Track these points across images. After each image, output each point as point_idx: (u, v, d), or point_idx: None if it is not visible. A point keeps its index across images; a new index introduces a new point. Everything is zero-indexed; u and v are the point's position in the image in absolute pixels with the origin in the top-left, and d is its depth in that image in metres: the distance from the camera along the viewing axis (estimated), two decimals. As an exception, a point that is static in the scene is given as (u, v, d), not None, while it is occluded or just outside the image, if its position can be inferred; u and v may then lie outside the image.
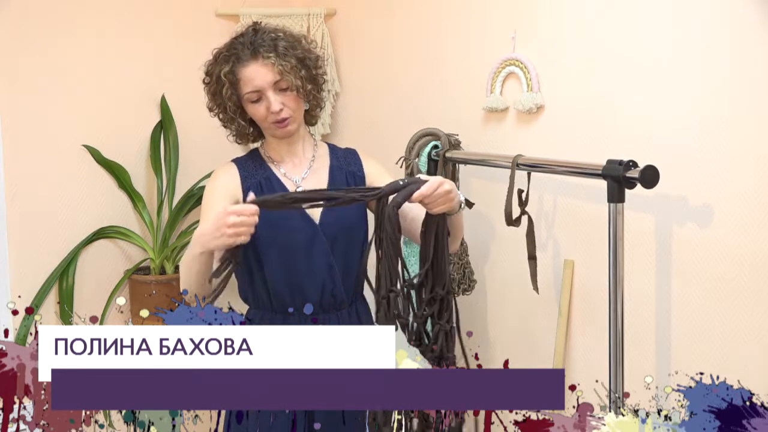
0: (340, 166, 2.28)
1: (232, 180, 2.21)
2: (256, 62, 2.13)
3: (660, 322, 2.20)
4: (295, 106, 2.17)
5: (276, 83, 2.13)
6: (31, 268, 2.67)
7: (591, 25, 2.28)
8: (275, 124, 2.17)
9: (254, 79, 2.13)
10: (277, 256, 2.17)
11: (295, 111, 2.17)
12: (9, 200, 2.62)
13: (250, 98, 2.15)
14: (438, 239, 2.02)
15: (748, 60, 1.98)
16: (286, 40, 2.17)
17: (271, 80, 2.12)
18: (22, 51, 2.62)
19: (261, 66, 2.12)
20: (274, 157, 2.26)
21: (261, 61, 2.12)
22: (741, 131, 2.01)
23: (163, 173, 2.85)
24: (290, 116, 2.16)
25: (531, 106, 2.40)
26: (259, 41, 2.14)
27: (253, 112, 2.18)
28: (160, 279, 2.77)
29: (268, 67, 2.12)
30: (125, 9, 2.80)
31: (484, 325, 2.65)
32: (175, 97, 2.85)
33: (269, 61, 2.12)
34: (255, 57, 2.13)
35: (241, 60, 2.14)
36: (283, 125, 2.17)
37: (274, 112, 2.14)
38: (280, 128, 2.17)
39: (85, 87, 2.74)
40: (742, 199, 2.02)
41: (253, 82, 2.13)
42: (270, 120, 2.16)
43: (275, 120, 2.16)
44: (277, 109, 2.13)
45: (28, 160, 2.65)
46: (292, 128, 2.19)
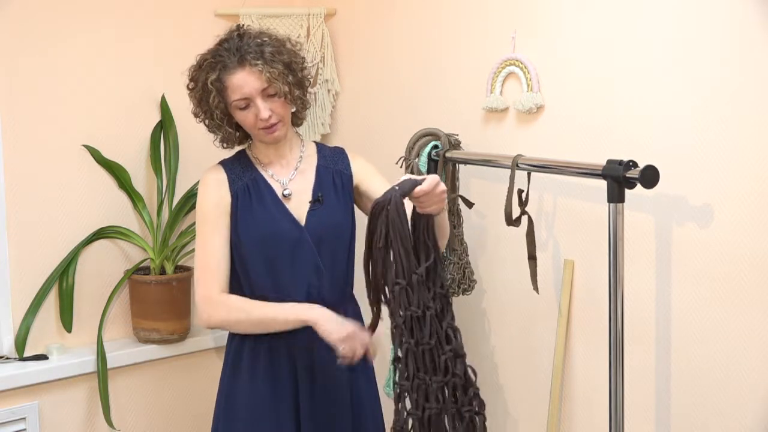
0: (327, 166, 2.27)
1: (220, 185, 2.21)
2: (243, 70, 2.11)
3: (660, 322, 2.20)
4: (283, 112, 2.17)
5: (264, 90, 2.12)
6: (31, 268, 2.67)
7: (591, 25, 2.28)
8: (264, 130, 2.16)
9: (242, 86, 2.12)
10: (262, 258, 2.16)
11: (283, 116, 2.17)
12: (9, 200, 2.61)
13: (238, 105, 2.15)
14: (429, 238, 2.02)
15: (748, 60, 1.98)
16: (272, 44, 2.15)
17: (259, 87, 2.12)
18: (22, 51, 2.62)
19: (248, 74, 2.11)
20: (262, 159, 2.26)
21: (248, 68, 2.11)
22: (741, 131, 2.01)
23: (163, 173, 2.85)
24: (279, 122, 2.16)
25: (531, 106, 2.40)
26: (245, 47, 2.12)
27: (241, 119, 2.17)
28: (160, 279, 2.76)
29: (255, 75, 2.11)
30: (125, 9, 2.80)
31: (484, 326, 2.65)
32: (175, 97, 2.84)
33: (257, 69, 2.10)
34: (242, 64, 2.11)
35: (228, 68, 2.12)
36: (271, 131, 2.17)
37: (263, 119, 2.14)
38: (268, 134, 2.17)
39: (85, 87, 2.74)
40: (742, 199, 2.02)
41: (241, 90, 2.12)
42: (259, 126, 2.16)
43: (264, 126, 2.15)
44: (266, 116, 2.13)
45: (28, 160, 2.65)
46: (281, 133, 2.19)
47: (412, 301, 1.93)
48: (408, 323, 1.93)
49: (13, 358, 2.64)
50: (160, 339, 2.80)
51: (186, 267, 2.88)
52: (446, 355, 1.96)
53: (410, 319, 1.93)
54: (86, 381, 2.73)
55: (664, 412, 2.21)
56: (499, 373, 2.62)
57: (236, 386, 2.21)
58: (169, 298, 2.78)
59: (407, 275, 1.93)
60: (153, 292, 2.76)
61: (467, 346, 2.71)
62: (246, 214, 2.19)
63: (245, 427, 2.18)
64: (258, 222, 2.17)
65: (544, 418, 2.46)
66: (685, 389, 2.17)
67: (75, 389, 2.73)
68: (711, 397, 2.12)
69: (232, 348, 2.23)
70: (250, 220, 2.18)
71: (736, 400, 2.07)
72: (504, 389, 2.62)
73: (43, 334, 2.70)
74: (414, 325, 1.93)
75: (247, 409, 2.18)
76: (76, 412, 2.74)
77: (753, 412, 2.05)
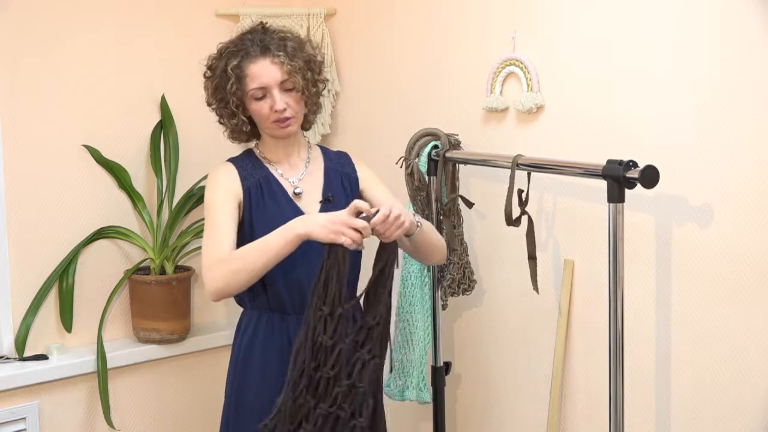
0: (335, 169, 2.29)
1: (233, 179, 2.22)
2: (265, 59, 2.15)
3: (660, 322, 2.20)
4: (297, 107, 2.19)
5: (282, 83, 2.15)
6: (31, 268, 2.67)
7: (591, 25, 2.28)
8: (276, 123, 2.17)
9: (262, 75, 2.14)
10: None
11: (297, 112, 2.19)
12: (9, 200, 2.62)
13: (254, 95, 2.16)
14: (383, 270, 2.07)
15: (748, 60, 1.98)
16: (294, 41, 2.20)
17: (278, 78, 2.14)
18: (22, 51, 2.62)
19: (270, 64, 2.15)
20: (270, 158, 2.27)
21: (270, 58, 2.15)
22: (741, 131, 2.01)
23: (163, 173, 2.85)
24: (293, 116, 2.18)
25: (531, 106, 2.40)
26: (268, 39, 2.17)
27: (256, 109, 2.18)
28: (160, 279, 2.76)
29: (277, 66, 2.14)
30: (125, 9, 2.80)
31: (483, 325, 2.65)
32: (175, 97, 2.85)
33: (279, 60, 2.14)
34: (264, 54, 2.15)
35: (251, 56, 2.15)
36: (284, 125, 2.18)
37: (277, 111, 2.15)
38: (281, 127, 2.18)
39: (85, 87, 2.74)
40: (742, 199, 2.02)
41: (261, 79, 2.14)
42: (272, 119, 2.17)
43: (277, 119, 2.16)
44: (281, 108, 2.14)
45: (28, 160, 2.65)
46: (293, 129, 2.20)
47: (328, 331, 1.99)
48: (316, 348, 2.00)
49: (13, 358, 2.64)
50: (160, 339, 2.80)
51: (186, 267, 2.88)
52: (341, 389, 2.02)
53: (319, 346, 1.99)
54: (86, 381, 2.73)
55: (664, 412, 2.21)
56: (499, 373, 2.62)
57: (248, 375, 2.21)
58: (169, 298, 2.78)
59: (333, 305, 2.00)
60: (153, 292, 2.76)
61: (467, 346, 2.72)
62: (259, 211, 2.19)
63: (257, 412, 2.17)
64: (272, 218, 2.17)
65: (544, 418, 2.46)
66: (685, 389, 2.17)
67: (75, 389, 2.73)
68: (711, 398, 2.12)
69: (248, 324, 2.24)
70: (264, 216, 2.19)
71: (736, 400, 2.07)
72: (504, 389, 2.62)
73: (43, 334, 2.70)
74: (320, 353, 2.00)
75: (258, 396, 2.18)
76: (76, 412, 2.74)
77: (753, 412, 2.05)
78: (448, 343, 2.73)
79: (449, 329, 2.74)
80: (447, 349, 2.72)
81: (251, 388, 2.20)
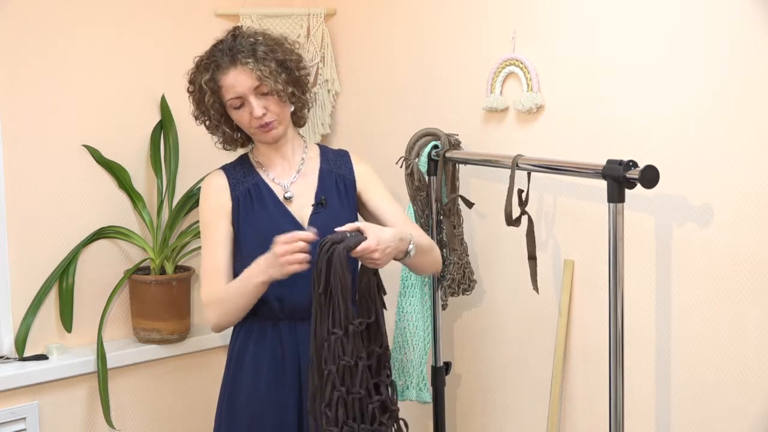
0: (330, 170, 2.28)
1: (221, 191, 2.23)
2: (235, 68, 2.13)
3: (660, 321, 2.20)
4: (278, 110, 2.17)
5: (257, 88, 2.14)
6: (31, 268, 2.67)
7: (591, 25, 2.28)
8: (260, 129, 2.17)
9: (235, 85, 2.14)
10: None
11: (279, 114, 2.18)
12: (9, 200, 2.62)
13: (233, 104, 2.16)
14: (374, 296, 2.09)
15: (748, 60, 1.98)
16: (265, 44, 2.17)
17: (251, 85, 2.13)
18: (22, 51, 2.62)
19: (240, 72, 2.13)
20: (263, 162, 2.27)
21: (240, 67, 2.13)
22: (741, 131, 2.01)
23: (163, 173, 2.85)
24: (274, 120, 2.17)
25: (531, 106, 2.40)
26: (237, 47, 2.15)
27: (237, 118, 2.19)
28: (160, 279, 2.77)
29: (247, 73, 2.13)
30: (125, 9, 2.80)
31: (483, 325, 2.65)
32: (175, 97, 2.84)
33: (248, 67, 2.12)
34: (234, 63, 2.14)
35: (221, 67, 2.15)
36: (267, 129, 2.18)
37: (257, 117, 2.15)
38: (265, 132, 2.18)
39: (85, 87, 2.74)
40: (742, 199, 2.02)
41: (234, 89, 2.14)
42: (254, 125, 2.17)
43: (259, 125, 2.16)
44: (259, 114, 2.14)
45: (28, 160, 2.65)
46: (278, 132, 2.20)
47: (347, 351, 2.00)
48: (340, 372, 2.00)
49: (13, 358, 2.64)
50: (160, 339, 2.80)
51: (186, 267, 2.88)
52: (374, 405, 2.04)
53: (342, 369, 2.01)
54: (86, 381, 2.73)
55: (664, 412, 2.21)
56: (498, 373, 2.62)
57: (239, 378, 2.22)
58: (169, 298, 2.78)
59: (344, 325, 2.01)
60: (153, 292, 2.76)
61: (467, 346, 2.72)
62: (248, 218, 2.20)
63: (248, 416, 2.18)
64: (259, 224, 2.18)
65: (544, 419, 2.46)
66: (685, 389, 2.17)
67: (75, 389, 2.73)
68: (711, 397, 2.12)
69: (240, 328, 2.25)
70: (252, 223, 2.19)
71: (736, 400, 2.07)
72: (504, 389, 2.62)
73: (43, 334, 2.71)
74: (345, 374, 2.01)
75: (249, 400, 2.19)
76: (76, 412, 2.74)
77: (753, 412, 2.05)
78: (448, 343, 2.74)
79: (449, 329, 2.74)
80: (447, 349, 2.72)
81: (242, 391, 2.21)
